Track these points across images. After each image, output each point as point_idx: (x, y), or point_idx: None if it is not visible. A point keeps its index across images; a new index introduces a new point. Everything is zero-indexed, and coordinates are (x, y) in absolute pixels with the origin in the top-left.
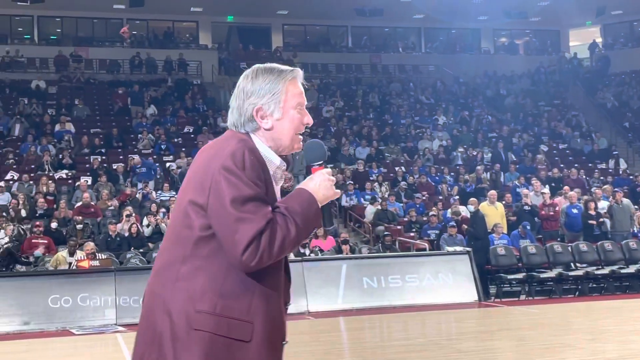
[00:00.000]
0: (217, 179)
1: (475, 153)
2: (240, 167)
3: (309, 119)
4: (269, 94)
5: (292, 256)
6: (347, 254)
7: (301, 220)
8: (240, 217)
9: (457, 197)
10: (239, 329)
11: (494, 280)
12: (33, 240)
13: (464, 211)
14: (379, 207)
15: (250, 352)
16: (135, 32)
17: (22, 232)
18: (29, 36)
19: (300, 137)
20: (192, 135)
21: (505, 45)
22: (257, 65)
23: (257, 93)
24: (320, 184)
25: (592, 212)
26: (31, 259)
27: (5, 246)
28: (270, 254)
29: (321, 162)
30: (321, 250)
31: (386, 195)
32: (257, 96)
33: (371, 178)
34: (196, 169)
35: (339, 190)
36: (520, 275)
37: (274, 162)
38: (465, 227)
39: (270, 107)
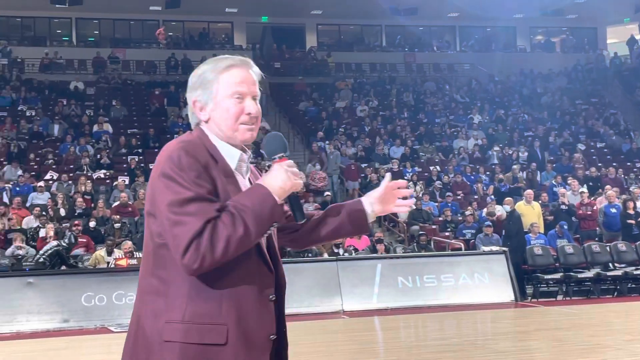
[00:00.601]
0: (157, 186)
1: (511, 152)
2: (176, 170)
3: (250, 108)
4: (202, 86)
5: (326, 255)
6: (381, 253)
7: (251, 217)
8: (177, 221)
9: (493, 196)
10: (212, 334)
11: (531, 280)
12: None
13: (500, 211)
14: (414, 206)
15: (227, 355)
16: (171, 34)
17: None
18: (67, 38)
19: (247, 127)
20: None
21: (542, 43)
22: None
23: (193, 85)
24: (277, 176)
25: (631, 212)
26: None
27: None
28: (213, 254)
29: (281, 154)
30: (356, 250)
31: (420, 195)
32: (193, 89)
33: (405, 177)
34: (150, 177)
35: (300, 181)
36: (557, 275)
37: (232, 155)
38: (503, 222)
39: (203, 97)
